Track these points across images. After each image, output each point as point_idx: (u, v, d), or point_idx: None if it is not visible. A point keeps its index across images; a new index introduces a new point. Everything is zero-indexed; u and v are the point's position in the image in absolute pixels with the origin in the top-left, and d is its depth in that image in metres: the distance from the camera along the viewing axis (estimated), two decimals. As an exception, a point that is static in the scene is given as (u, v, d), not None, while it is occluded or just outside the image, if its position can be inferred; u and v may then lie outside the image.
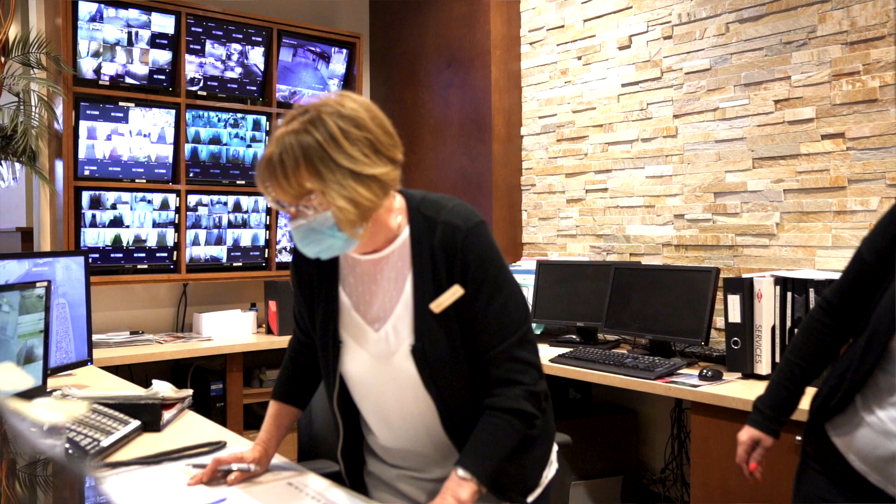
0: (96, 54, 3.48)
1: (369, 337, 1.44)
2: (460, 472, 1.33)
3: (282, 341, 3.71)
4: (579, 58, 3.66)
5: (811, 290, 2.41)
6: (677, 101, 3.23)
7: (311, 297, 1.51)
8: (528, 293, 3.51)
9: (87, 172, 3.49)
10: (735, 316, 2.53)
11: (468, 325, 1.39)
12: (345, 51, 4.29)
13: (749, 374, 2.51)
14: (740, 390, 2.34)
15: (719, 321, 2.96)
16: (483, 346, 1.39)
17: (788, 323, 2.45)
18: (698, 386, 2.42)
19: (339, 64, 4.28)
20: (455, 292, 1.37)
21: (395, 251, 1.41)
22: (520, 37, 3.96)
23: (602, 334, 3.31)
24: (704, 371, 2.51)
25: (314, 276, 1.50)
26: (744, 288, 2.51)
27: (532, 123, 3.90)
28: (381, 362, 1.44)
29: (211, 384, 3.61)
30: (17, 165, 3.35)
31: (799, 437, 2.11)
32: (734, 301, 2.53)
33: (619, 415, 3.35)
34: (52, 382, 2.18)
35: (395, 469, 1.54)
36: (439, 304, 1.37)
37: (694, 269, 2.90)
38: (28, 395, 1.87)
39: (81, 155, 3.46)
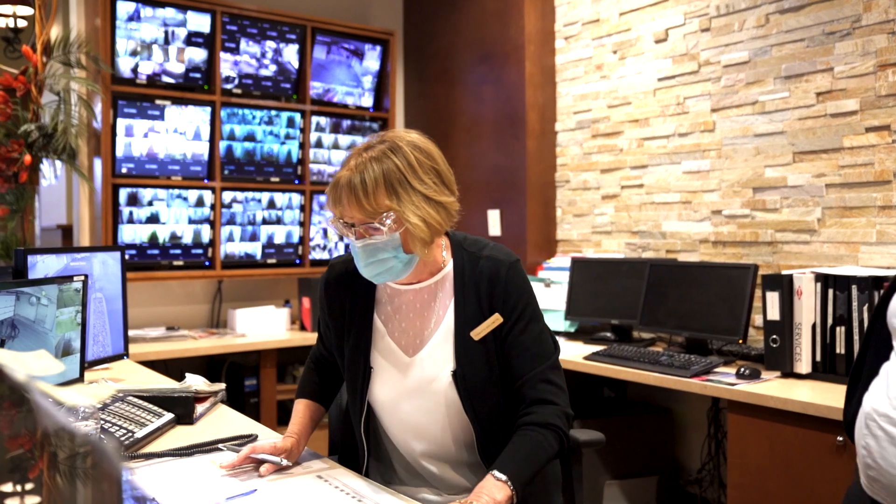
0: (134, 53, 3.55)
1: (403, 362, 1.52)
2: (497, 473, 1.36)
3: (314, 338, 3.74)
4: (615, 52, 3.63)
5: (853, 287, 2.36)
6: (715, 94, 3.19)
7: (341, 323, 1.59)
8: (563, 291, 3.49)
9: (124, 170, 3.56)
10: (774, 313, 2.49)
11: (505, 350, 1.49)
12: (378, 48, 4.31)
13: (788, 373, 2.46)
14: (779, 389, 2.30)
15: (758, 319, 2.92)
16: (519, 369, 1.48)
17: (830, 321, 2.40)
18: (735, 384, 2.38)
19: (372, 61, 4.31)
20: (495, 320, 1.48)
21: (438, 282, 1.53)
22: (554, 31, 3.94)
23: (637, 332, 3.28)
24: (742, 369, 2.47)
25: (347, 303, 1.58)
26: (783, 285, 2.47)
27: (567, 119, 3.88)
28: (414, 387, 1.51)
29: (245, 380, 3.66)
30: (58, 163, 3.43)
31: (840, 438, 2.07)
32: (773, 298, 2.49)
33: (654, 414, 3.31)
34: (88, 376, 2.23)
35: (418, 488, 1.59)
36: (479, 332, 1.48)
37: (732, 266, 2.86)
38: (66, 386, 1.91)
39: (119, 153, 3.54)
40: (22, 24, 4.03)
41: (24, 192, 3.25)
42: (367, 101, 4.34)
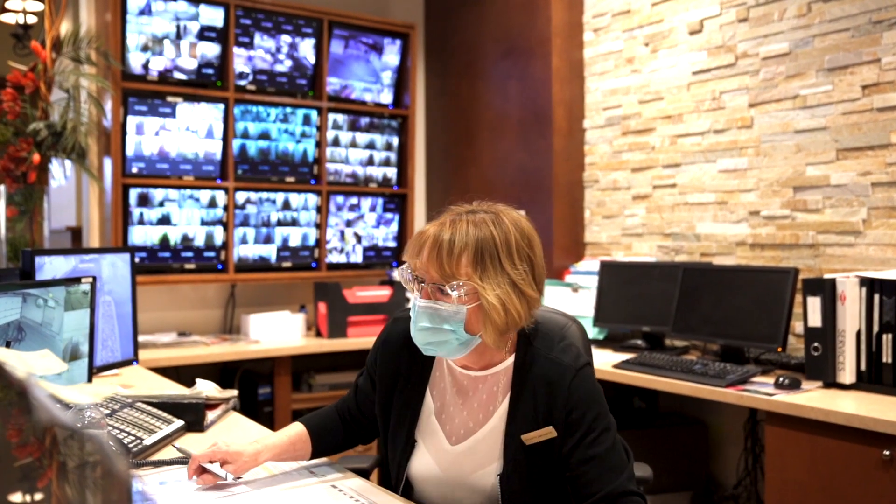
0: (145, 48, 3.60)
1: (443, 448, 1.49)
2: None
3: (332, 345, 3.77)
4: (646, 44, 3.62)
5: (901, 291, 2.33)
6: (753, 88, 3.17)
7: (389, 388, 1.56)
8: (591, 296, 3.48)
9: (135, 170, 3.60)
10: (815, 320, 2.46)
11: (572, 466, 1.42)
12: (398, 42, 4.33)
13: (831, 383, 2.43)
14: (821, 400, 2.28)
15: (798, 326, 2.89)
16: (595, 484, 1.40)
17: (875, 328, 2.37)
18: (774, 395, 2.36)
19: (392, 55, 4.33)
20: (547, 433, 1.42)
21: (496, 374, 1.48)
22: (582, 23, 3.93)
23: (669, 339, 3.27)
24: (781, 379, 2.45)
25: (403, 368, 1.55)
26: (825, 289, 2.44)
27: (595, 116, 3.87)
28: (453, 478, 1.48)
29: (258, 388, 3.69)
30: (68, 163, 3.49)
31: (887, 452, 2.04)
32: (814, 304, 2.46)
33: (687, 426, 3.29)
34: (97, 382, 2.26)
35: None
36: (530, 438, 1.42)
37: (770, 270, 2.83)
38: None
39: (129, 152, 3.58)
40: (32, 20, 4.11)
41: (32, 193, 3.30)
42: (387, 97, 4.36)
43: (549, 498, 1.46)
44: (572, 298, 3.55)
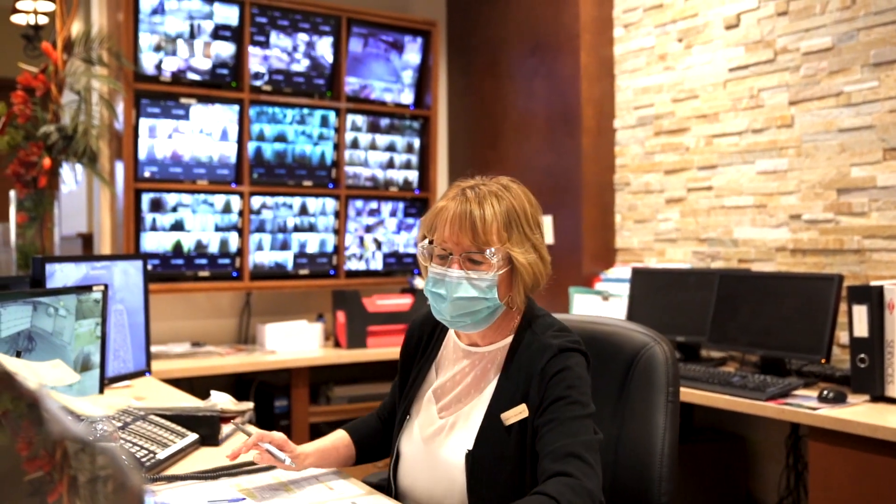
0: (157, 48, 3.64)
1: (430, 422, 1.57)
2: None
3: (351, 355, 3.78)
4: (680, 40, 3.60)
5: (953, 299, 2.29)
6: (794, 85, 3.14)
7: (408, 371, 1.68)
8: (622, 304, 3.46)
9: (147, 174, 3.64)
10: (862, 330, 2.43)
11: (536, 436, 1.44)
12: (419, 39, 4.35)
13: (878, 397, 2.40)
14: (867, 415, 2.25)
15: (843, 336, 2.85)
16: (543, 445, 1.40)
17: (926, 338, 2.34)
18: (818, 409, 2.34)
19: (413, 54, 4.34)
20: (521, 411, 1.47)
21: (491, 353, 1.56)
22: (612, 18, 3.92)
23: (706, 350, 3.24)
24: (825, 392, 2.42)
25: (419, 350, 1.67)
26: (872, 297, 2.41)
27: (626, 115, 3.85)
28: (432, 451, 1.54)
29: (275, 400, 3.71)
30: (79, 168, 3.53)
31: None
32: (860, 312, 2.44)
33: (725, 441, 3.26)
34: (108, 393, 2.28)
35: None
36: (507, 418, 1.48)
37: (813, 277, 2.81)
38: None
39: (142, 155, 3.62)
40: (43, 20, 4.17)
41: (43, 198, 3.35)
42: (408, 97, 4.37)
43: (516, 485, 1.46)
44: (602, 307, 3.53)
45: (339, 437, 1.71)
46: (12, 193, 3.38)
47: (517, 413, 1.47)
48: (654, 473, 1.60)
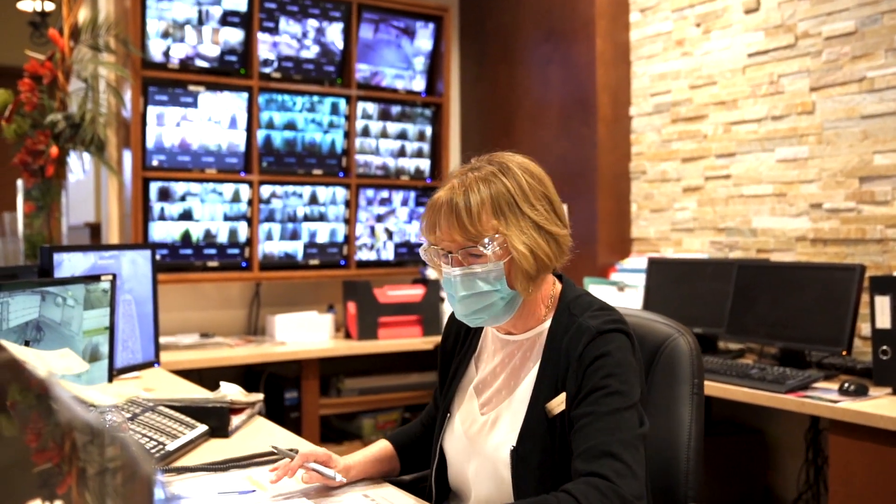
0: (165, 35, 3.64)
1: (473, 419, 1.52)
2: None
3: (362, 347, 3.79)
4: (698, 24, 3.58)
5: (979, 290, 2.28)
6: (815, 71, 3.11)
7: (447, 370, 1.63)
8: (638, 295, 3.45)
9: (155, 162, 3.65)
10: (884, 321, 2.42)
11: (571, 428, 1.37)
12: (431, 25, 4.34)
13: (901, 390, 2.39)
14: (890, 408, 2.24)
15: (864, 328, 2.84)
16: (578, 442, 1.33)
17: (950, 330, 2.32)
18: (838, 402, 2.32)
19: (425, 40, 4.33)
20: (562, 402, 1.40)
21: (529, 339, 1.50)
22: (628, 3, 3.90)
23: (723, 342, 3.23)
24: (846, 385, 2.41)
25: (457, 347, 1.62)
26: (895, 288, 2.40)
27: (643, 102, 3.84)
28: (476, 448, 1.49)
29: (285, 392, 3.72)
30: (86, 156, 3.54)
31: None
32: (883, 303, 2.42)
33: (743, 435, 3.25)
34: (117, 384, 2.29)
35: None
36: (552, 408, 1.41)
37: (834, 267, 2.79)
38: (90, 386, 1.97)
39: (150, 144, 3.63)
40: (49, 7, 4.19)
41: (50, 188, 3.36)
42: (419, 84, 4.36)
43: (565, 479, 1.36)
44: (617, 298, 3.52)
45: (382, 447, 1.67)
46: (19, 183, 3.40)
47: (560, 402, 1.40)
48: (679, 468, 1.57)
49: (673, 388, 1.61)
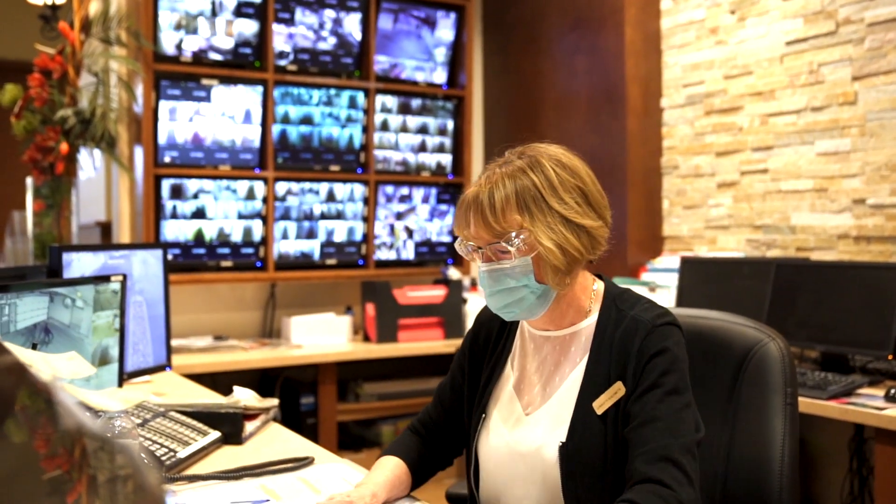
0: (178, 27, 3.66)
1: (515, 419, 1.52)
2: None
3: (381, 350, 3.79)
4: (733, 12, 3.55)
5: None
6: (857, 59, 3.08)
7: (478, 368, 1.63)
8: (671, 295, 3.43)
9: (167, 159, 3.67)
10: (932, 323, 2.38)
11: (628, 422, 1.40)
12: (453, 15, 4.33)
13: (951, 396, 2.36)
14: (939, 415, 2.20)
15: (912, 331, 2.80)
16: (638, 442, 1.37)
17: None
18: (884, 409, 2.30)
19: (446, 30, 4.32)
20: (617, 390, 1.43)
21: (575, 334, 1.52)
22: (660, -10, 3.88)
23: (761, 346, 3.20)
24: (892, 391, 2.38)
25: (489, 347, 1.63)
26: (944, 288, 2.36)
27: (674, 94, 3.81)
28: (519, 449, 1.50)
29: (301, 397, 3.73)
30: (97, 153, 3.57)
31: None
32: (931, 305, 2.38)
33: (782, 444, 3.22)
34: (127, 388, 2.30)
35: None
36: (601, 404, 1.43)
37: (879, 266, 2.76)
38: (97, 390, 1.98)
39: (162, 139, 3.65)
40: (60, 0, 4.21)
41: (60, 185, 3.39)
42: (440, 76, 4.36)
43: (615, 477, 1.41)
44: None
45: (397, 466, 1.62)
46: (29, 180, 3.43)
47: (611, 395, 1.43)
48: (772, 484, 1.52)
49: (763, 398, 1.56)
